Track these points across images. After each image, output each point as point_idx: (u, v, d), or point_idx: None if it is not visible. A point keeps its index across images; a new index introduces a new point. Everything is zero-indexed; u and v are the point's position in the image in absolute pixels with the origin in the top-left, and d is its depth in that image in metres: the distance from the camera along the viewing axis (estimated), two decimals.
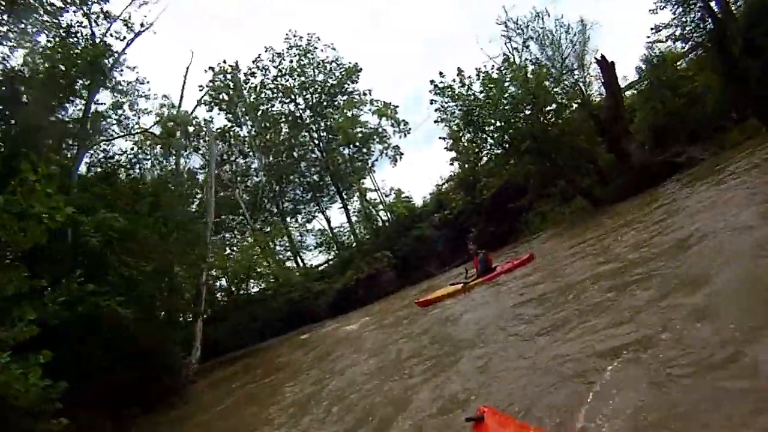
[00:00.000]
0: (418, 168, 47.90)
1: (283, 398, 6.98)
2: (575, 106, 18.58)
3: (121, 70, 15.85)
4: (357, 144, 30.46)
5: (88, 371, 8.31)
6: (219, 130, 30.10)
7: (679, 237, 5.99)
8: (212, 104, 29.39)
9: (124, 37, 14.54)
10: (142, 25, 14.78)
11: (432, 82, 18.70)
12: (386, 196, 30.38)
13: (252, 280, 23.99)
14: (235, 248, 27.76)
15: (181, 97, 25.22)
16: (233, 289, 24.21)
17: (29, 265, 6.48)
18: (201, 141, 28.27)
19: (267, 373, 11.08)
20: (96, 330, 8.81)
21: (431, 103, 19.06)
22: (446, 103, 18.87)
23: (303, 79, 30.70)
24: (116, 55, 14.58)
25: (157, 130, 19.71)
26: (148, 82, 18.83)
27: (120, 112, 17.50)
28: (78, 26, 13.23)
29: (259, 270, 23.05)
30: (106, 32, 14.13)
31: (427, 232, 24.63)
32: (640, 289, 4.52)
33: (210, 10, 50.16)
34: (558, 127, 17.68)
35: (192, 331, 15.64)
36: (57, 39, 12.50)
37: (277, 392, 7.78)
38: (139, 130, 18.34)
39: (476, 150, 20.98)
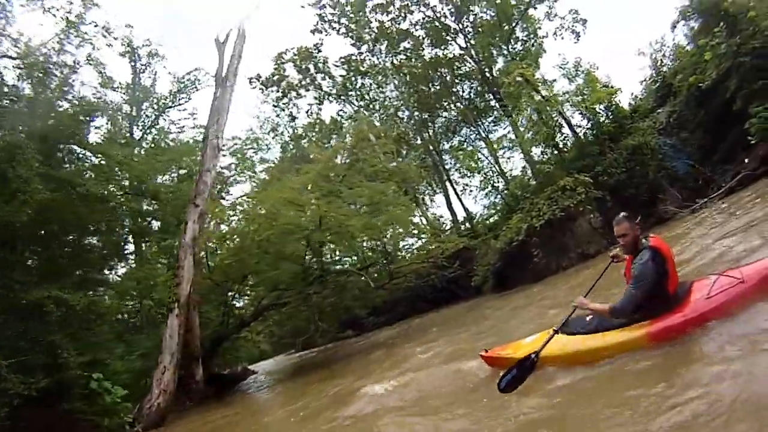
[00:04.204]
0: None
1: None
2: None
3: None
4: (515, 26, 22.34)
5: None
6: (343, 59, 26.76)
7: None
8: (328, 29, 24.96)
9: None
10: None
11: None
12: (570, 79, 18.95)
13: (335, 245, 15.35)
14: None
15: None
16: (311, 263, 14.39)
17: None
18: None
19: None
20: None
21: None
22: None
23: None
24: None
25: None
26: None
27: None
28: None
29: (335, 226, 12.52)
30: None
31: (651, 139, 14.29)
32: None
33: None
34: None
35: (160, 335, 9.97)
36: None
37: None
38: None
39: None
